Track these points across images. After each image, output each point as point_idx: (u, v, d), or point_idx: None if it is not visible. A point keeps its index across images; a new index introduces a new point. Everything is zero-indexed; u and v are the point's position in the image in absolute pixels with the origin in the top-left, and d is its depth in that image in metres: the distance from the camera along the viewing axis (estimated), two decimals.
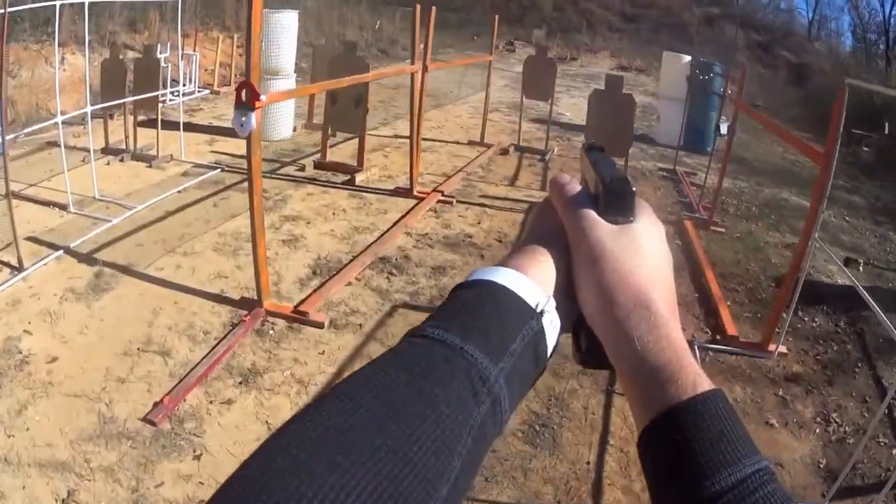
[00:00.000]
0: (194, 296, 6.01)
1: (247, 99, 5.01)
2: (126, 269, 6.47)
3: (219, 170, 9.58)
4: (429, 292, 6.46)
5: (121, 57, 10.04)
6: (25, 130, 9.11)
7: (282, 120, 11.23)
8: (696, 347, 5.35)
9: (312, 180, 9.51)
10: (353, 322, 5.77)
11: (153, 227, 7.60)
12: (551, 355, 0.59)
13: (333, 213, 8.38)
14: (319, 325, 5.59)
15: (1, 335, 5.11)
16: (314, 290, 6.24)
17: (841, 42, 30.36)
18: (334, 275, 6.65)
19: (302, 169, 9.91)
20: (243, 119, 5.07)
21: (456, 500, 0.45)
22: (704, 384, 0.54)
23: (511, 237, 7.99)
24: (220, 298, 6.01)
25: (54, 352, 4.96)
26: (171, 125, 10.56)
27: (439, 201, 9.00)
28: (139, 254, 6.86)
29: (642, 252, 0.61)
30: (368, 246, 7.38)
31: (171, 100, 12.73)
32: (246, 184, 5.62)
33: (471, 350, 0.50)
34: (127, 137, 10.08)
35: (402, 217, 8.35)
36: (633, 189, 0.64)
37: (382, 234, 7.77)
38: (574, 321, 0.64)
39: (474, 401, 0.48)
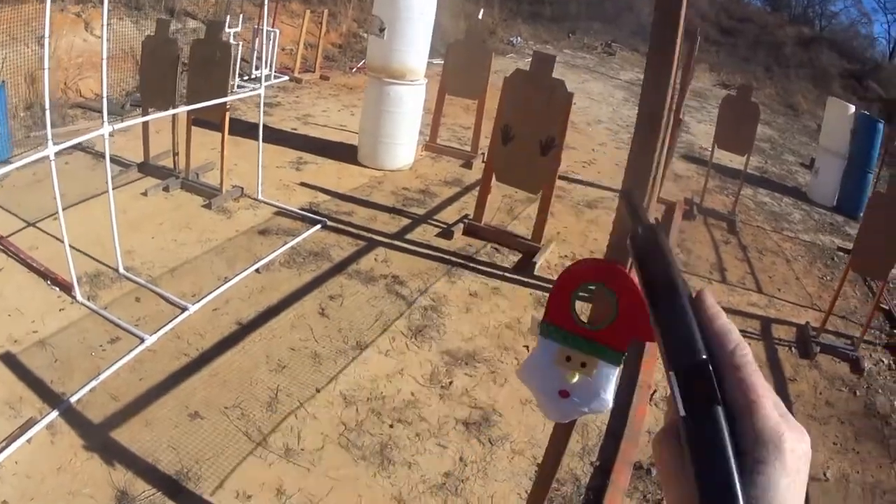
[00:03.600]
0: None
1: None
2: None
3: (320, 226, 5.90)
4: None
5: (172, 34, 6.37)
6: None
7: (404, 138, 7.52)
8: None
9: (468, 259, 5.84)
10: None
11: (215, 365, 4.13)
12: None
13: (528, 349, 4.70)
14: None
15: None
16: None
17: None
18: None
19: (448, 236, 6.15)
20: (574, 382, 1.47)
21: None
22: None
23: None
24: None
25: None
26: (238, 126, 7.16)
27: None
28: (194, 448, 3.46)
29: None
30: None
31: (238, 86, 9.17)
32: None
33: None
34: (176, 154, 6.43)
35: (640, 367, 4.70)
36: None
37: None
38: None
39: None
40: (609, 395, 1.45)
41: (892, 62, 28.65)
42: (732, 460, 0.46)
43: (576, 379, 1.43)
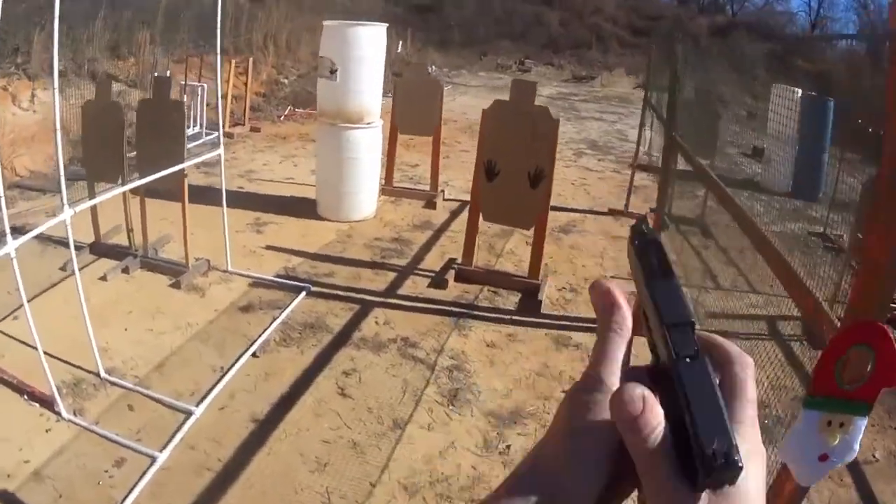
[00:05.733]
0: None
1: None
2: None
3: (304, 293, 5.32)
4: None
5: (117, 98, 5.70)
6: None
7: (366, 186, 7.00)
8: None
9: (470, 308, 5.38)
10: None
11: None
12: None
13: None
14: None
15: None
16: None
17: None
18: None
19: (441, 285, 5.67)
20: (835, 444, 1.32)
21: None
22: None
23: None
24: None
25: None
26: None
27: None
28: None
29: None
30: None
31: None
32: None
33: None
34: (130, 230, 5.73)
35: None
36: (740, 463, 0.42)
37: None
38: None
39: None
40: (857, 445, 1.34)
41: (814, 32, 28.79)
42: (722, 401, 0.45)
43: (837, 440, 1.37)
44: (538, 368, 4.65)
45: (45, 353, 3.79)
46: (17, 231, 4.09)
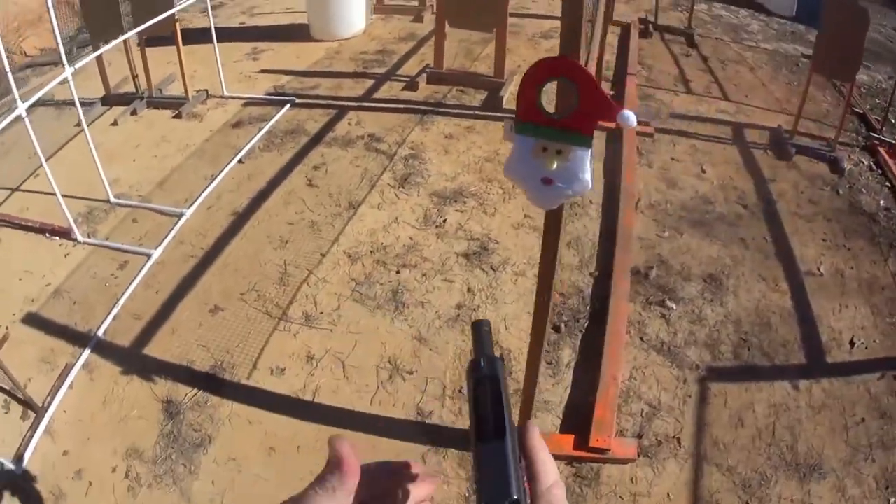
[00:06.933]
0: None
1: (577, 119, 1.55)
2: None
3: (289, 105, 5.72)
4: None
5: None
6: None
7: (354, 4, 7.16)
8: None
9: (437, 106, 5.68)
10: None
11: (225, 260, 4.08)
12: None
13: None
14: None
15: None
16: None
17: None
18: None
19: (413, 88, 5.96)
20: (554, 169, 1.58)
21: None
22: None
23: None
24: None
25: None
26: (188, 35, 6.41)
27: (641, 134, 5.34)
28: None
29: None
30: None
31: None
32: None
33: None
34: (135, 76, 6.12)
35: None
36: None
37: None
38: None
39: None
40: (587, 176, 1.52)
41: None
42: None
43: (555, 166, 1.51)
44: (488, 155, 4.99)
45: (63, 195, 4.28)
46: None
